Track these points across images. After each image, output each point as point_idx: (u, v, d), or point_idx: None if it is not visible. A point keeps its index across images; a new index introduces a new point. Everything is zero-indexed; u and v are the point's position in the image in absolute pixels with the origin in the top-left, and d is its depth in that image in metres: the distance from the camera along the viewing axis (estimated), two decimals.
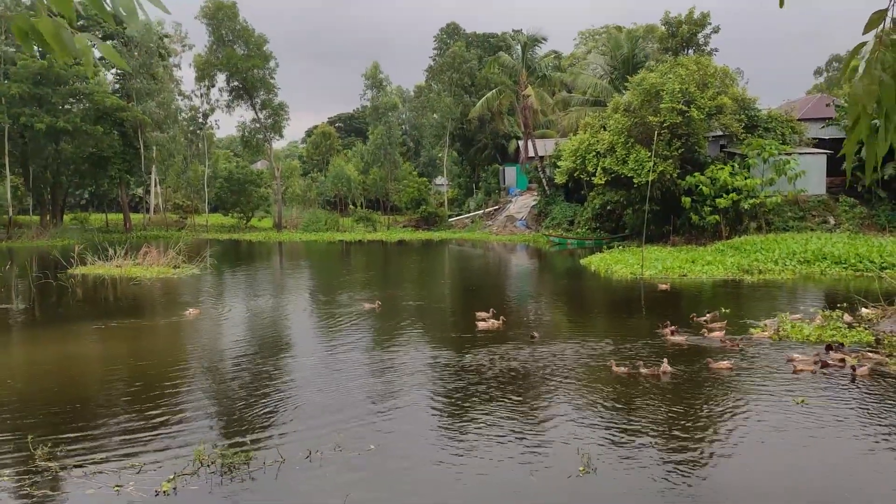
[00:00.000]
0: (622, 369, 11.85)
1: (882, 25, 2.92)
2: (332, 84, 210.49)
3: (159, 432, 9.29)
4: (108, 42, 55.22)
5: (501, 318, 16.41)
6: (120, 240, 39.30)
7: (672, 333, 14.64)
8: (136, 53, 56.10)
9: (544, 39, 53.31)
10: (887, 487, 7.41)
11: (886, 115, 2.97)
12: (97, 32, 53.44)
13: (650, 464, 8.04)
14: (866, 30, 2.95)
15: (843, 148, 3.26)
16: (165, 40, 62.35)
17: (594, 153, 35.78)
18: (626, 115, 34.34)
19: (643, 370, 11.81)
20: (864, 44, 3.00)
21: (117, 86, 58.98)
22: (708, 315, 16.12)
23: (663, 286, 21.92)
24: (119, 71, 57.16)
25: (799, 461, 8.16)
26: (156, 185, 66.51)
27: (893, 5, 2.91)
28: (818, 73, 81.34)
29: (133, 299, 22.80)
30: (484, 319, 16.37)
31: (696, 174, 33.23)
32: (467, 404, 10.38)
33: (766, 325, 15.23)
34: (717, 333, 14.56)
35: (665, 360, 12.06)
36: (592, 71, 51.89)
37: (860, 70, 2.99)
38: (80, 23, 51.36)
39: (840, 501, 7.25)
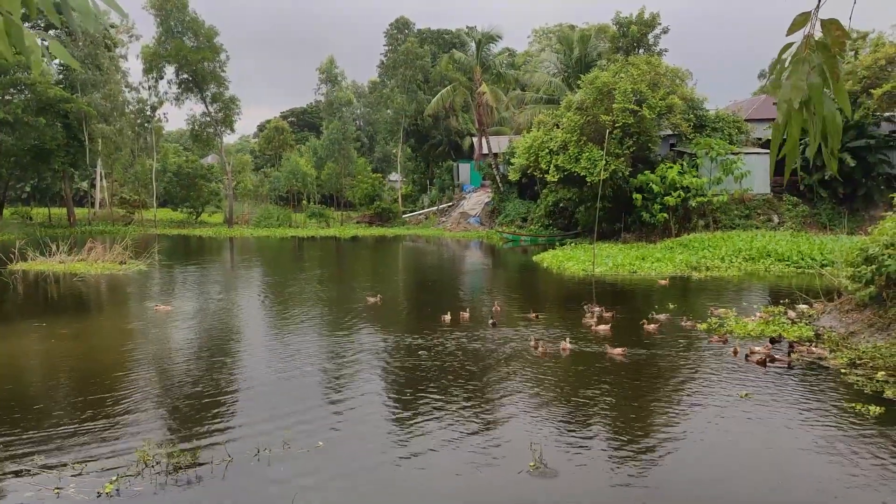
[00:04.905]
0: (531, 343, 13.60)
1: (807, 28, 3.01)
2: (284, 78, 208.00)
3: (103, 432, 9.03)
4: (51, 32, 53.63)
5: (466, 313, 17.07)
6: (63, 235, 38.21)
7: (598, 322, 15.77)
8: (80, 44, 54.47)
9: (499, 37, 53.56)
10: (835, 474, 7.64)
11: (814, 115, 3.07)
12: (39, 22, 51.73)
13: (602, 456, 8.14)
14: (790, 31, 3.04)
15: (784, 149, 3.34)
16: (111, 30, 60.66)
17: (547, 151, 36.10)
18: (578, 113, 34.71)
19: (539, 349, 13.22)
20: (790, 45, 3.09)
21: (61, 76, 57.17)
22: (597, 308, 16.96)
23: (663, 282, 22.63)
24: (62, 61, 55.40)
25: (740, 453, 8.36)
26: (101, 179, 64.78)
27: (818, 8, 3.00)
28: (762, 75, 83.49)
29: (77, 296, 22.14)
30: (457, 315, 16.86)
31: (646, 172, 33.80)
32: (418, 397, 10.35)
33: (654, 319, 15.79)
34: (602, 327, 15.20)
35: (566, 339, 13.64)
36: (546, 69, 52.40)
37: (787, 70, 3.09)
38: (22, 10, 49.64)
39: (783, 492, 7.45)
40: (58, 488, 7.33)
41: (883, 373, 11.11)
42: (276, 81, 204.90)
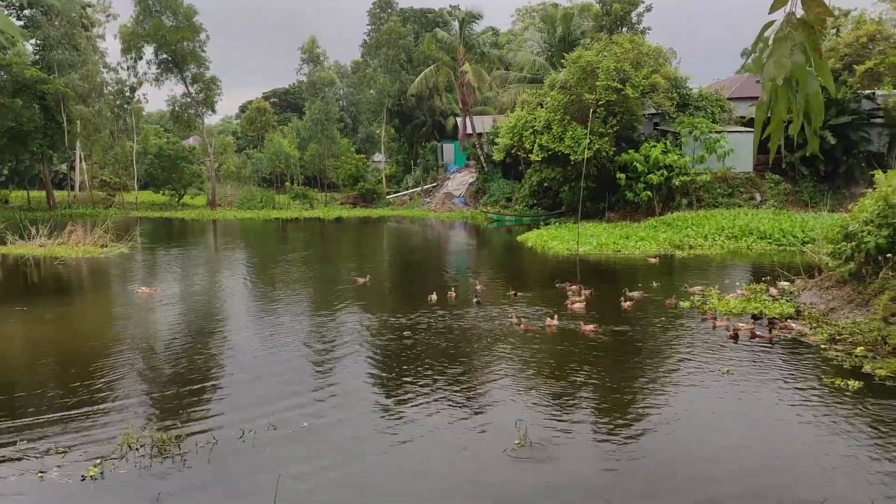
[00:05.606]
0: (513, 320, 13.89)
1: (789, 5, 3.00)
2: (266, 58, 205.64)
3: (86, 416, 8.98)
4: (26, 11, 52.57)
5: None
6: (43, 218, 37.78)
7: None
8: (56, 23, 53.47)
9: (480, 16, 53.16)
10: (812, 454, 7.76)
11: (797, 91, 3.07)
12: (14, 1, 50.81)
13: (586, 433, 8.21)
14: (772, 9, 3.04)
15: (769, 128, 3.33)
16: (88, 10, 59.59)
17: (531, 130, 36.00)
18: (562, 92, 34.61)
19: (521, 326, 13.50)
20: (771, 23, 3.09)
21: (37, 57, 56.12)
22: (574, 286, 17.15)
23: (652, 260, 22.70)
24: (39, 41, 54.38)
25: (722, 428, 8.46)
26: (81, 161, 63.94)
27: None
28: (745, 54, 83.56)
29: (59, 280, 21.91)
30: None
31: (630, 151, 33.82)
32: (405, 376, 10.37)
33: (629, 296, 15.94)
34: (578, 304, 15.32)
35: (553, 316, 13.92)
36: (529, 48, 52.16)
37: (769, 48, 3.08)
38: None
39: (769, 469, 7.55)
40: (41, 472, 7.29)
41: (862, 348, 11.27)
42: (257, 62, 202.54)
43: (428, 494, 6.94)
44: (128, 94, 61.18)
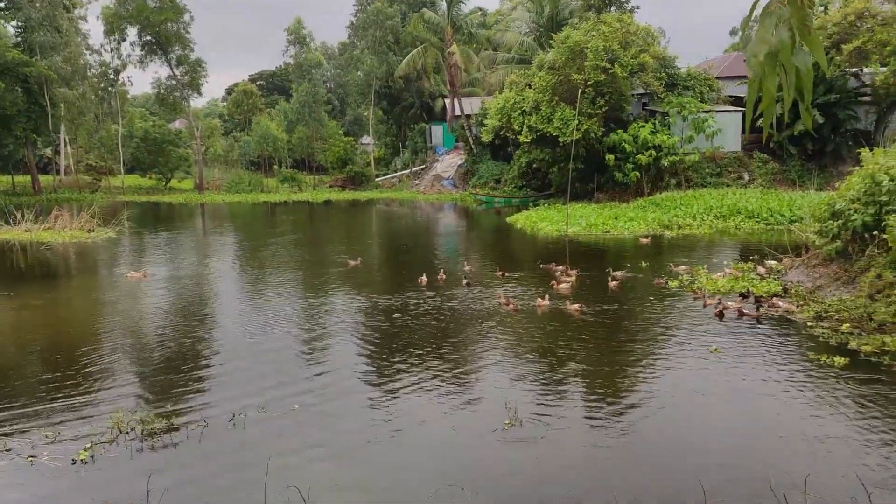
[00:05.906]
0: (502, 300, 13.98)
1: None
2: (252, 40, 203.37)
3: (76, 401, 8.95)
4: None
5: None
6: (28, 203, 37.48)
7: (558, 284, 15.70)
8: (37, 4, 52.61)
9: None
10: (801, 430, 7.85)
11: (785, 69, 3.06)
12: None
13: (576, 415, 8.27)
14: None
15: (760, 105, 3.32)
16: None
17: (520, 111, 35.86)
18: (550, 72, 34.46)
19: (510, 306, 13.61)
20: (760, 0, 3.09)
21: (19, 39, 55.24)
22: (559, 267, 17.26)
23: (644, 240, 22.68)
24: (20, 23, 53.49)
25: (711, 406, 8.54)
26: (66, 145, 63.22)
27: None
28: (734, 32, 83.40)
29: (46, 265, 21.76)
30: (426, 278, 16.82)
31: (619, 132, 33.78)
32: (395, 359, 10.39)
33: (613, 276, 16.11)
34: (563, 285, 15.40)
35: (543, 297, 14.01)
36: (517, 28, 51.88)
37: (757, 25, 3.08)
38: None
39: (756, 446, 7.63)
40: (31, 456, 7.28)
41: (847, 325, 11.38)
42: (243, 43, 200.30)
43: (419, 476, 6.97)
44: (112, 76, 60.37)
